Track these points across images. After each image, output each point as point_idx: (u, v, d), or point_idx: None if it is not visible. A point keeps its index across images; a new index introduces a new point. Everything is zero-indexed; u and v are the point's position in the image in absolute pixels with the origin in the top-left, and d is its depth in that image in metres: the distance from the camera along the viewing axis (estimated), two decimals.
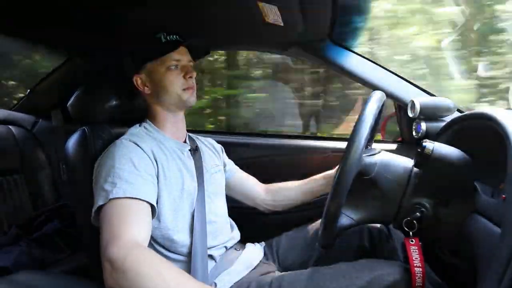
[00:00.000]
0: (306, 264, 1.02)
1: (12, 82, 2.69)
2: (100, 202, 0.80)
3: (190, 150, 1.03)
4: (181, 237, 0.90)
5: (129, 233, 0.74)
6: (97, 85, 1.14)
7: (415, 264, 0.76)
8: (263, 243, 1.11)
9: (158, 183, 0.88)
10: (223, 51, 2.56)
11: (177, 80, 0.96)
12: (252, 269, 0.97)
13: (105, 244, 0.72)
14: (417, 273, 0.75)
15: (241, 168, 1.23)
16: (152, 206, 0.84)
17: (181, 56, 0.98)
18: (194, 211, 0.93)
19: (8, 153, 1.54)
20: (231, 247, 1.02)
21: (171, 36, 0.97)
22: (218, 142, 1.23)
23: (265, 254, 1.06)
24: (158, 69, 0.96)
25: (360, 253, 1.00)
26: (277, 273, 0.95)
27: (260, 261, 1.01)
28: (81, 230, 0.99)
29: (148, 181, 0.85)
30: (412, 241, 0.79)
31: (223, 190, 1.11)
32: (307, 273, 0.86)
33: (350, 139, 0.74)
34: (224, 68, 2.71)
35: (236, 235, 1.06)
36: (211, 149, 1.15)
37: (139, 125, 1.01)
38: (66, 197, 1.60)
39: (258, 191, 1.19)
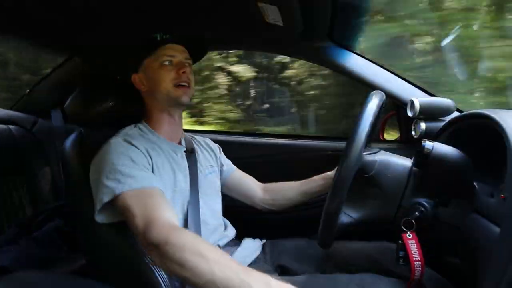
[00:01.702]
0: None
1: None
2: (106, 199, 0.81)
3: (185, 151, 1.03)
4: None
5: (162, 216, 0.75)
6: (93, 86, 1.14)
7: (414, 258, 0.76)
8: (264, 240, 1.11)
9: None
10: None
11: (169, 75, 0.96)
12: (248, 266, 0.96)
13: (143, 230, 0.73)
14: (417, 267, 0.75)
15: (240, 168, 1.23)
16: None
17: (176, 52, 0.99)
18: (187, 212, 0.93)
19: (7, 153, 1.54)
20: (225, 245, 1.01)
21: (167, 35, 0.99)
22: (217, 141, 1.23)
23: (264, 251, 1.06)
24: (152, 65, 0.98)
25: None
26: (275, 275, 0.94)
27: (257, 257, 1.01)
28: (78, 231, 0.99)
29: (149, 173, 0.87)
30: (409, 235, 0.80)
31: (218, 191, 1.11)
32: (307, 280, 0.85)
33: (350, 137, 0.74)
34: None
35: (230, 233, 1.06)
36: (207, 150, 1.15)
37: (134, 126, 1.01)
38: (66, 196, 1.60)
39: (256, 190, 1.19)
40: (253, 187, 1.19)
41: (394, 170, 0.84)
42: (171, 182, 0.93)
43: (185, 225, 0.92)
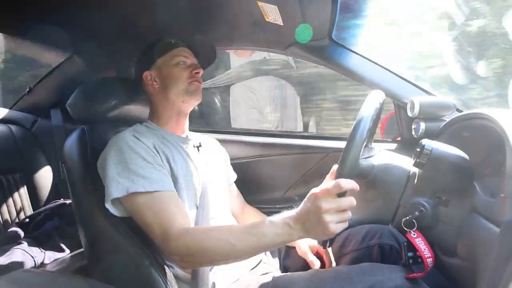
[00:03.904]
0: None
1: None
2: (117, 195, 0.82)
3: (193, 145, 1.04)
4: None
5: (175, 224, 0.80)
6: (96, 84, 1.14)
7: (426, 255, 0.75)
8: None
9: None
10: None
11: (185, 73, 1.00)
12: (251, 269, 0.97)
13: (162, 243, 0.80)
14: (429, 263, 0.75)
15: (240, 167, 1.23)
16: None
17: (189, 55, 1.04)
18: (198, 205, 0.94)
19: (7, 152, 1.54)
20: None
21: (181, 40, 1.05)
22: (217, 140, 1.23)
23: (266, 253, 1.06)
24: (167, 63, 1.01)
25: None
26: (277, 274, 0.95)
27: (261, 260, 1.01)
28: (79, 229, 0.99)
29: (163, 171, 0.88)
30: (414, 234, 0.79)
31: (226, 187, 1.11)
32: (307, 275, 0.86)
33: (350, 137, 0.73)
34: None
35: None
36: (215, 147, 1.17)
37: (140, 124, 1.02)
38: (66, 195, 1.60)
39: (235, 211, 1.16)
40: (235, 208, 1.17)
41: (393, 171, 0.84)
42: (185, 173, 0.94)
43: (195, 220, 0.92)
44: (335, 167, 0.87)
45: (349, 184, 0.66)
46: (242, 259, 0.78)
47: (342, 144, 1.37)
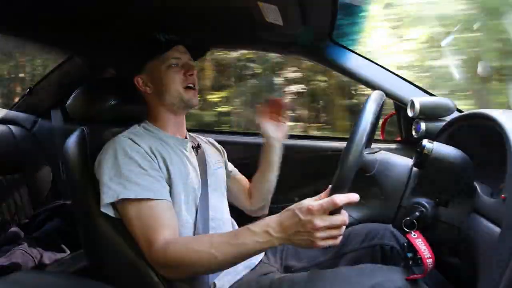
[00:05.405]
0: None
1: None
2: (108, 200, 0.82)
3: (192, 147, 1.03)
4: (185, 233, 0.90)
5: (160, 236, 0.80)
6: (95, 84, 1.14)
7: (426, 256, 0.75)
8: None
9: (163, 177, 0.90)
10: None
11: (178, 77, 0.97)
12: (252, 269, 0.97)
13: (147, 252, 0.81)
14: (429, 264, 0.75)
15: (240, 168, 1.23)
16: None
17: (181, 54, 0.99)
18: (197, 206, 0.93)
19: (7, 152, 1.54)
20: None
21: (170, 36, 0.99)
22: (218, 141, 1.23)
23: (266, 253, 1.06)
24: (159, 68, 0.97)
25: None
26: (277, 274, 0.95)
27: (261, 260, 1.01)
28: (79, 230, 0.99)
29: (157, 178, 0.87)
30: (414, 235, 0.79)
31: (225, 187, 1.11)
32: (307, 276, 0.86)
33: (351, 137, 0.73)
34: None
35: None
36: (213, 147, 1.16)
37: (138, 125, 1.01)
38: (66, 196, 1.60)
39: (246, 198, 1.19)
40: (245, 194, 1.19)
41: (395, 169, 0.84)
42: (183, 176, 0.93)
43: (195, 220, 0.92)
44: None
45: (343, 200, 0.66)
46: (225, 268, 0.80)
47: (342, 145, 1.37)
